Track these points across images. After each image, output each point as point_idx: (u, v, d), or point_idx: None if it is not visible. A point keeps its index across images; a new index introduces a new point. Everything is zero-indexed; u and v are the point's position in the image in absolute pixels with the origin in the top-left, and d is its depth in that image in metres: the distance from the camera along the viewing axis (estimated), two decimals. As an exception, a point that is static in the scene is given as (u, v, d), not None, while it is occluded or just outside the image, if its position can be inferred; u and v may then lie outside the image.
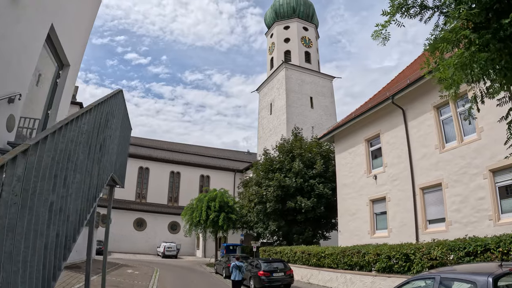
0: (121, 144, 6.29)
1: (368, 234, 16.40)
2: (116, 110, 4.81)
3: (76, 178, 2.91)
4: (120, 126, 5.51)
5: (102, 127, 3.87)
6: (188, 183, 41.85)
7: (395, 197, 15.08)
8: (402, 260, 10.25)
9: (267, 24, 43.02)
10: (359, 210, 17.16)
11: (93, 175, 3.68)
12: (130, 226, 36.26)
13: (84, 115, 3.03)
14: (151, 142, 46.42)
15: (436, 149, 13.39)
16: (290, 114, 35.31)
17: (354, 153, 18.15)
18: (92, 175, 3.61)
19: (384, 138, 16.25)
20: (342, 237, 18.21)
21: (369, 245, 12.20)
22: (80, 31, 7.43)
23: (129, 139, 8.46)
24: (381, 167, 16.30)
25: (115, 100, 4.56)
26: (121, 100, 5.44)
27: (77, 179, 2.93)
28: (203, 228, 28.45)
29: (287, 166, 21.26)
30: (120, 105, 5.28)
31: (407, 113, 15.13)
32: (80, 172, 3.04)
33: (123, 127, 6.21)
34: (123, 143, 6.73)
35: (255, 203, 22.42)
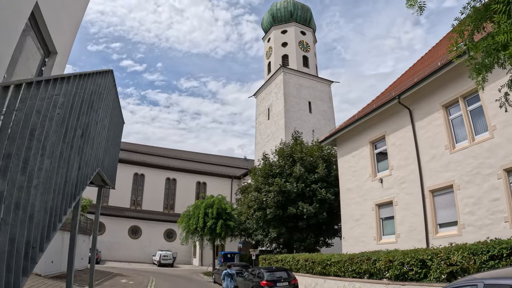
0: (111, 137, 5.55)
1: (374, 240, 15.66)
2: (104, 94, 4.09)
3: (44, 165, 2.18)
4: (109, 115, 4.78)
5: (85, 108, 3.15)
6: (184, 190, 40.92)
7: (403, 201, 14.40)
8: (418, 266, 9.51)
9: (264, 28, 42.62)
10: (364, 215, 16.44)
11: (72, 166, 2.94)
12: (125, 234, 35.20)
13: (59, 82, 2.31)
14: (147, 148, 45.51)
15: (446, 149, 12.77)
16: (288, 118, 34.69)
17: (358, 156, 17.48)
18: (70, 165, 2.87)
19: (390, 139, 15.61)
20: (346, 243, 17.44)
21: (379, 251, 11.44)
22: (70, 16, 6.70)
23: (120, 134, 7.69)
24: (387, 170, 15.63)
25: (103, 80, 3.85)
26: (111, 83, 4.72)
27: (45, 165, 2.20)
28: (200, 236, 27.56)
29: (288, 170, 20.51)
30: (109, 89, 4.56)
31: (414, 113, 14.53)
32: (50, 158, 2.31)
33: (113, 117, 5.48)
34: (114, 137, 5.99)
35: (254, 209, 21.60)
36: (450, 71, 12.55)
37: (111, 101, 4.91)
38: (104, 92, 4.09)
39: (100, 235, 33.46)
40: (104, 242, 32.79)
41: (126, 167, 38.21)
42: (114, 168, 7.28)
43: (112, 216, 34.19)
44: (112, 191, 36.69)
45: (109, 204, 35.95)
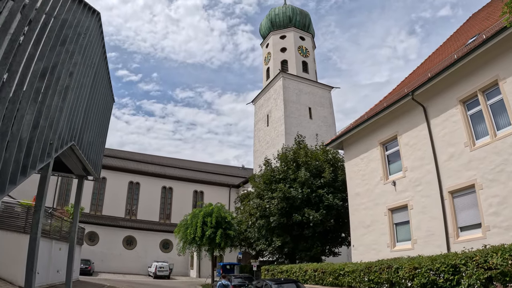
0: (95, 109, 4.53)
1: (387, 248, 14.63)
2: (85, 40, 3.14)
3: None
4: (92, 75, 3.78)
5: (52, 39, 2.19)
6: (181, 199, 39.64)
7: (419, 204, 13.45)
8: (449, 273, 8.49)
9: (262, 34, 42.16)
10: (376, 221, 15.44)
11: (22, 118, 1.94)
12: (119, 245, 33.72)
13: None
14: (142, 156, 44.32)
15: (466, 147, 11.92)
16: (288, 125, 33.89)
17: (367, 159, 16.57)
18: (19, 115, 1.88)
19: (403, 139, 14.74)
20: (356, 252, 16.36)
21: (401, 258, 10.42)
22: None
23: (108, 114, 6.60)
24: (400, 172, 14.71)
25: (84, 18, 2.90)
26: (96, 30, 3.74)
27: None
28: (197, 246, 26.27)
29: (292, 176, 19.46)
30: (93, 36, 3.59)
31: (429, 110, 13.72)
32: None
33: (98, 84, 4.46)
34: (98, 111, 4.96)
35: (256, 217, 20.45)
36: (467, 64, 11.87)
37: (95, 57, 3.93)
38: (85, 38, 3.15)
39: (93, 245, 32.05)
40: (97, 253, 31.36)
41: (120, 175, 37.00)
42: (98, 153, 6.17)
43: (105, 226, 32.82)
44: (106, 200, 35.37)
45: (103, 213, 34.60)
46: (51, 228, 13.46)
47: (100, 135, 6.03)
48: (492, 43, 10.91)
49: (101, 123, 5.62)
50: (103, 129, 6.33)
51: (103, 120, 5.97)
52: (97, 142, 5.74)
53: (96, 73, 4.25)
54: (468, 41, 14.02)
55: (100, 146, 6.26)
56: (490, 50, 11.15)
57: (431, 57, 18.86)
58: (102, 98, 5.12)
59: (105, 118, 6.05)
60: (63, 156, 4.56)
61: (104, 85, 5.17)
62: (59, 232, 14.78)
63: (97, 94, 4.43)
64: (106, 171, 36.32)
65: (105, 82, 5.12)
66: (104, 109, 5.67)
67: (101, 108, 5.31)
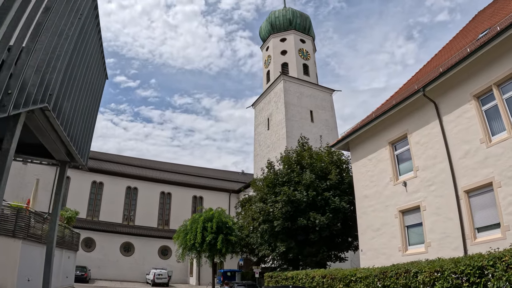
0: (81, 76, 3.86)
1: (398, 252, 13.93)
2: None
3: None
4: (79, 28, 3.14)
5: None
6: (180, 204, 38.79)
7: (432, 205, 12.80)
8: (475, 275, 7.81)
9: (262, 37, 41.80)
10: (386, 224, 14.76)
11: None
12: (117, 251, 32.79)
13: None
14: (140, 161, 43.54)
15: (481, 143, 11.34)
16: (289, 128, 33.31)
17: (376, 159, 15.95)
18: None
19: (413, 138, 14.14)
20: (365, 257, 15.66)
21: (420, 262, 9.73)
22: None
23: (100, 90, 5.83)
24: (411, 171, 14.08)
25: None
26: None
27: None
28: (197, 252, 25.44)
29: (296, 178, 18.73)
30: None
31: (441, 107, 13.16)
32: None
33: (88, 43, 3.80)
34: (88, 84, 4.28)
35: (259, 222, 19.67)
36: (481, 58, 11.39)
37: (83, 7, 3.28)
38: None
39: (89, 251, 31.15)
40: (93, 259, 30.47)
41: (118, 180, 36.22)
42: (85, 135, 5.35)
43: (102, 232, 31.94)
44: (103, 205, 34.51)
45: (100, 219, 33.73)
46: (43, 233, 12.68)
47: (87, 113, 5.20)
48: (506, 34, 10.42)
49: (89, 97, 4.86)
50: (92, 106, 5.51)
51: (91, 94, 5.18)
52: (83, 120, 4.90)
53: (85, 28, 3.66)
54: (478, 36, 13.56)
55: (87, 127, 5.41)
56: (505, 43, 10.66)
57: (438, 55, 18.38)
58: (91, 67, 4.47)
59: (94, 93, 5.27)
60: (39, 131, 3.87)
61: (95, 53, 4.55)
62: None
63: (84, 58, 3.82)
64: (103, 176, 35.57)
65: (95, 49, 4.49)
66: (94, 83, 4.95)
67: (90, 79, 4.60)
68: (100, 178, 35.35)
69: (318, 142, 25.10)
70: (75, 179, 34.04)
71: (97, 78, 5.04)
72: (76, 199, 32.29)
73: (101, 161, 38.41)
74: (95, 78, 5.01)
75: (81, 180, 34.17)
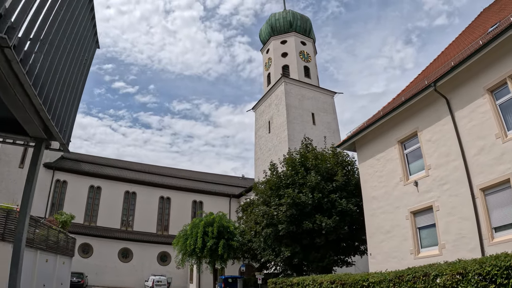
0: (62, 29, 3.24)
1: (410, 255, 13.27)
2: None
3: None
4: None
5: None
6: (179, 209, 38.04)
7: (446, 205, 12.19)
8: (503, 276, 7.16)
9: (262, 40, 41.47)
10: (396, 226, 14.11)
11: None
12: (115, 257, 31.97)
13: None
14: (139, 165, 42.85)
15: (497, 138, 10.80)
16: (291, 130, 32.76)
17: (384, 159, 15.35)
18: None
19: (424, 136, 13.58)
20: (374, 261, 14.98)
21: (440, 264, 9.07)
22: None
23: (88, 58, 5.13)
24: (422, 171, 13.49)
25: None
26: None
27: None
28: (198, 258, 24.69)
29: (300, 180, 18.03)
30: None
31: (452, 102, 12.63)
32: None
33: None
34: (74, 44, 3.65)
35: (263, 226, 18.94)
36: (494, 50, 10.93)
37: None
38: None
39: (86, 257, 30.36)
40: (91, 266, 29.69)
41: (116, 185, 35.52)
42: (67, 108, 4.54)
43: (100, 237, 31.17)
44: (101, 210, 33.75)
45: (98, 224, 32.97)
46: (35, 236, 11.96)
47: (70, 80, 4.39)
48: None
49: (73, 60, 4.16)
50: (77, 74, 4.73)
51: (77, 58, 4.45)
52: (63, 86, 4.10)
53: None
54: (488, 30, 13.10)
55: (70, 98, 4.54)
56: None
57: (445, 52, 17.91)
58: (79, 25, 3.89)
59: (81, 58, 4.55)
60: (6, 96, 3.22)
61: (84, 11, 4.00)
62: (45, 241, 13.27)
63: (71, 11, 3.27)
64: (101, 180, 34.87)
65: (85, 7, 3.95)
66: (81, 45, 4.31)
67: (76, 39, 3.98)
68: (97, 182, 34.65)
69: (320, 145, 24.54)
70: (72, 183, 33.40)
71: (85, 42, 4.44)
72: (73, 204, 31.61)
73: (99, 165, 37.76)
74: (83, 40, 4.40)
75: (79, 185, 33.51)
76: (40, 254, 12.53)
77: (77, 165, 35.68)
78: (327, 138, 32.52)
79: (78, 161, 37.12)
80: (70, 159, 36.68)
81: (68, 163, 35.47)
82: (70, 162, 35.81)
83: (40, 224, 13.14)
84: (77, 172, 34.04)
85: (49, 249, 13.92)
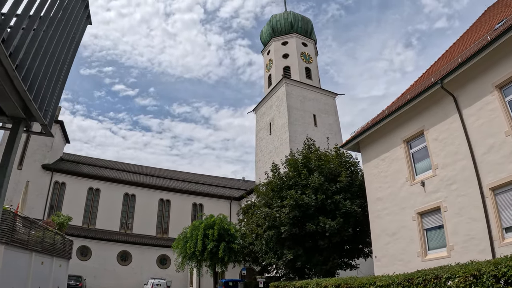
0: None
1: (418, 257, 12.89)
2: None
3: None
4: None
5: None
6: (179, 212, 37.61)
7: (454, 205, 11.83)
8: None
9: (263, 41, 41.27)
10: (402, 227, 13.74)
11: None
12: (113, 260, 31.51)
13: None
14: (138, 167, 42.47)
15: (507, 136, 10.50)
16: (292, 132, 32.43)
17: (389, 159, 15.00)
18: None
19: (431, 134, 13.24)
20: (380, 264, 14.58)
21: (452, 266, 8.68)
22: None
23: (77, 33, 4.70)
24: (429, 170, 13.14)
25: None
26: None
27: None
28: (198, 261, 24.27)
29: (303, 181, 17.65)
30: None
31: (460, 100, 12.31)
32: None
33: None
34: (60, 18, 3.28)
35: (264, 228, 18.54)
36: (503, 46, 10.66)
37: None
38: None
39: (85, 260, 29.90)
40: (89, 269, 29.23)
41: (115, 187, 35.13)
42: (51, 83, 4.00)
43: (99, 240, 30.73)
44: (99, 212, 33.33)
45: (96, 226, 32.53)
46: (30, 238, 11.54)
47: (57, 56, 3.94)
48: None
49: (60, 34, 3.77)
50: (65, 50, 4.28)
51: (65, 32, 4.02)
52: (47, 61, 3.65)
53: None
54: (495, 27, 12.83)
55: (55, 74, 4.03)
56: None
57: (449, 51, 17.64)
58: None
59: (68, 32, 4.12)
60: None
61: None
62: (40, 243, 12.83)
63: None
64: (100, 182, 34.47)
65: None
66: (70, 19, 3.94)
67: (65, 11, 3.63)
68: (96, 184, 34.26)
69: (323, 146, 24.19)
70: (71, 185, 33.02)
71: (74, 15, 4.09)
72: (71, 206, 31.23)
73: (98, 167, 37.40)
74: (72, 14, 4.05)
75: (77, 186, 33.13)
76: (35, 256, 12.10)
77: (76, 167, 35.32)
78: (330, 140, 32.27)
79: (77, 163, 36.77)
80: (69, 161, 36.34)
81: (67, 164, 35.12)
82: (69, 164, 35.46)
83: (36, 226, 12.74)
84: (76, 174, 33.65)
85: (45, 251, 13.50)
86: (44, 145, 32.71)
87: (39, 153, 32.39)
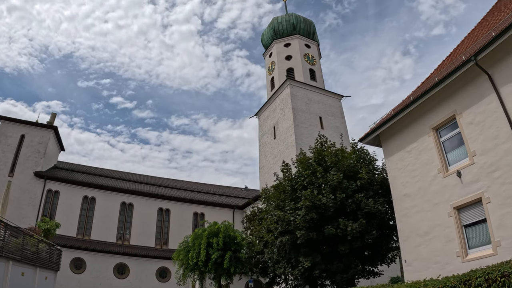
0: None
1: (457, 258, 11.30)
2: None
3: None
4: None
5: None
6: (180, 222, 35.73)
7: (498, 195, 10.36)
8: None
9: (264, 44, 40.30)
10: (436, 226, 12.18)
11: None
12: (109, 273, 29.44)
13: None
14: (136, 176, 40.73)
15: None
16: (298, 135, 31.02)
17: (417, 150, 13.56)
18: None
19: (464, 119, 11.85)
20: (411, 268, 12.96)
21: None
22: None
23: None
24: (465, 159, 11.71)
25: None
26: None
27: None
28: (201, 273, 22.36)
29: (319, 180, 16.02)
30: None
31: (495, 78, 11.02)
32: None
33: None
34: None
35: (277, 234, 16.77)
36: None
37: None
38: None
39: (79, 273, 27.87)
40: (83, 282, 27.21)
41: (111, 195, 33.34)
42: None
43: (94, 252, 28.72)
44: (95, 222, 31.42)
45: (91, 237, 30.55)
46: (5, 243, 9.83)
47: None
48: None
49: None
50: None
51: None
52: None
53: None
54: None
55: None
56: None
57: (472, 33, 16.35)
58: None
59: None
60: None
61: None
62: (20, 251, 11.06)
63: None
64: (95, 191, 32.70)
65: None
66: None
67: None
68: (92, 193, 32.43)
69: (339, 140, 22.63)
70: (65, 193, 31.23)
71: None
72: (65, 215, 29.42)
73: (93, 176, 35.68)
74: None
75: (71, 195, 31.33)
76: (13, 266, 10.37)
77: (71, 175, 33.57)
78: (336, 143, 30.81)
79: (72, 171, 35.06)
80: (63, 169, 34.63)
81: (61, 172, 33.40)
82: (63, 172, 33.74)
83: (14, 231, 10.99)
84: (70, 182, 31.86)
85: (26, 260, 11.64)
86: (37, 151, 31.12)
87: (32, 160, 30.77)
